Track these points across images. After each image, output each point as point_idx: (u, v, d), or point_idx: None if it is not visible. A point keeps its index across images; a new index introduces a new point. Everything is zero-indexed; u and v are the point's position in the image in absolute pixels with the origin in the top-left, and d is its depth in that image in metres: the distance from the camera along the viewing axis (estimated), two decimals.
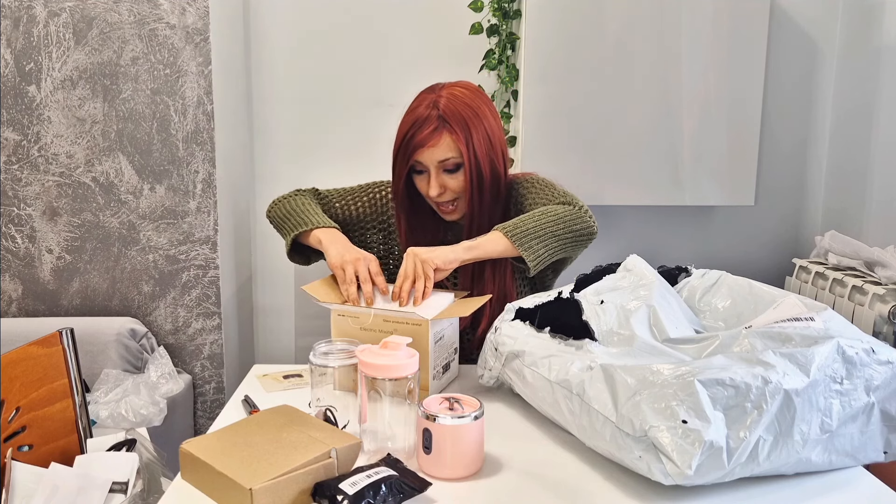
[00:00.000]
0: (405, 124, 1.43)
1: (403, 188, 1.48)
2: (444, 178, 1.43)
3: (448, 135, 1.40)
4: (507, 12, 2.20)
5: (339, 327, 1.28)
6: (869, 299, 1.87)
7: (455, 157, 1.41)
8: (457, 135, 1.39)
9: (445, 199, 1.46)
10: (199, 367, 2.22)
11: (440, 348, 1.23)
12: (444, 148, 1.40)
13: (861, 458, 0.99)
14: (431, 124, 1.40)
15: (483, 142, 1.41)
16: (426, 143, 1.40)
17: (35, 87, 2.07)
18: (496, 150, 1.44)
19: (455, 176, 1.43)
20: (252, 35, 2.35)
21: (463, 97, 1.43)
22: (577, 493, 0.94)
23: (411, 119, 1.42)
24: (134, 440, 1.35)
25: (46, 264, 2.15)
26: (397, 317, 1.21)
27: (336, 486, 0.86)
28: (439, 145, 1.40)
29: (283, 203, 1.56)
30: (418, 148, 1.40)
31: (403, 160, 1.43)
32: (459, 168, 1.43)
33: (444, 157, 1.41)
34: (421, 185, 1.47)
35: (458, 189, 1.44)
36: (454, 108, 1.40)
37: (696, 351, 1.06)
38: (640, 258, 1.26)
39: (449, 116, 1.40)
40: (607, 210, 2.42)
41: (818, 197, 2.49)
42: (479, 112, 1.43)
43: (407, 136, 1.42)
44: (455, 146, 1.40)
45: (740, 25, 2.17)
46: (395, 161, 1.46)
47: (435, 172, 1.42)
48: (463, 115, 1.40)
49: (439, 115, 1.40)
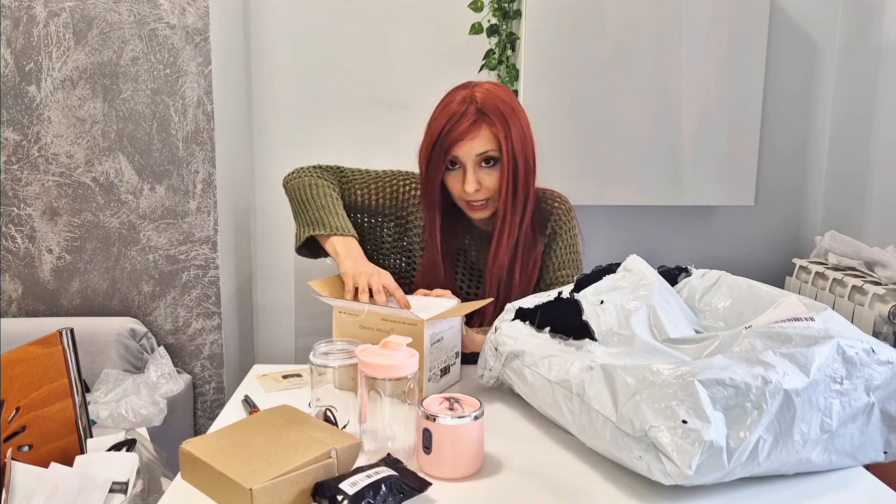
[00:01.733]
0: (440, 119, 1.40)
1: (439, 188, 1.44)
2: (481, 174, 1.40)
3: (487, 128, 1.38)
4: (507, 12, 2.20)
5: (340, 325, 1.27)
6: (869, 299, 1.87)
7: (493, 151, 1.39)
8: (496, 127, 1.37)
9: (480, 196, 1.42)
10: (199, 367, 2.22)
11: (438, 350, 1.22)
12: (484, 141, 1.38)
13: (861, 458, 0.99)
14: (470, 118, 1.37)
15: (519, 137, 1.40)
16: (465, 136, 1.37)
17: (35, 87, 2.07)
18: (529, 148, 1.43)
19: (491, 172, 1.41)
20: (252, 35, 2.35)
21: (498, 93, 1.41)
22: (577, 493, 0.94)
23: (447, 114, 1.39)
24: (134, 440, 1.35)
25: (46, 264, 2.15)
26: (395, 316, 1.21)
27: (336, 486, 0.86)
28: (478, 138, 1.38)
29: (304, 184, 1.49)
30: (457, 142, 1.37)
31: (440, 156, 1.39)
32: (496, 163, 1.40)
33: (483, 150, 1.38)
34: (453, 182, 1.43)
35: (492, 186, 1.41)
36: (492, 102, 1.39)
37: (696, 351, 1.06)
38: (640, 258, 1.26)
39: (488, 109, 1.38)
40: (607, 210, 2.42)
41: (818, 197, 2.49)
42: (515, 108, 1.41)
43: (444, 130, 1.38)
44: (494, 139, 1.38)
45: (740, 25, 2.17)
46: (430, 158, 1.41)
47: (472, 167, 1.39)
48: (501, 110, 1.38)
49: (478, 109, 1.38)
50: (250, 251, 2.47)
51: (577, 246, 1.54)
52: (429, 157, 1.42)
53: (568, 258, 1.52)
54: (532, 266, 1.49)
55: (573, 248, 1.53)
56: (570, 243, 1.52)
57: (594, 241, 2.46)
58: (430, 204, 1.47)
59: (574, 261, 1.53)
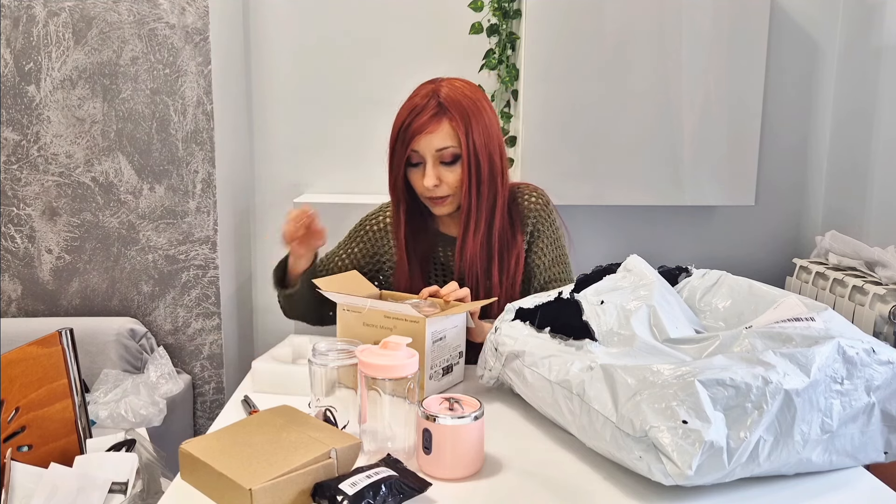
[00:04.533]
0: (402, 112, 1.41)
1: (402, 182, 1.44)
2: (441, 170, 1.40)
3: (448, 122, 1.37)
4: (507, 12, 2.20)
5: (343, 322, 1.27)
6: (869, 299, 1.87)
7: (453, 147, 1.38)
8: (456, 122, 1.37)
9: (440, 193, 1.41)
10: (199, 367, 2.22)
11: (440, 349, 1.22)
12: (443, 135, 1.38)
13: (861, 459, 0.99)
14: (431, 111, 1.37)
15: (482, 134, 1.39)
16: (424, 129, 1.37)
17: (34, 86, 2.07)
18: (494, 145, 1.42)
19: (452, 169, 1.40)
20: (252, 35, 2.35)
21: (463, 89, 1.41)
22: (577, 493, 0.94)
23: (409, 106, 1.40)
24: (133, 440, 1.35)
25: (46, 264, 2.15)
26: (397, 313, 1.21)
27: (336, 487, 0.86)
28: (438, 132, 1.37)
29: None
30: (416, 135, 1.37)
31: (401, 148, 1.40)
32: (457, 161, 1.40)
33: (442, 145, 1.38)
34: (415, 178, 1.42)
35: (454, 184, 1.41)
36: (454, 97, 1.39)
37: (696, 351, 1.06)
38: (640, 258, 1.25)
39: (449, 105, 1.38)
40: (607, 210, 2.42)
41: (818, 197, 2.49)
42: (479, 105, 1.41)
43: (405, 123, 1.39)
44: (454, 134, 1.38)
45: (740, 25, 2.17)
46: (393, 151, 1.42)
47: (432, 162, 1.39)
48: (463, 105, 1.38)
49: (439, 103, 1.38)
50: (250, 251, 2.46)
51: (562, 240, 1.52)
52: (392, 149, 1.42)
53: (556, 254, 1.50)
54: (514, 267, 1.46)
55: (558, 243, 1.51)
56: (553, 237, 1.50)
57: (594, 241, 2.46)
58: (396, 199, 1.47)
59: (561, 255, 1.51)
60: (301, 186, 2.42)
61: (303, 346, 1.34)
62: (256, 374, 1.26)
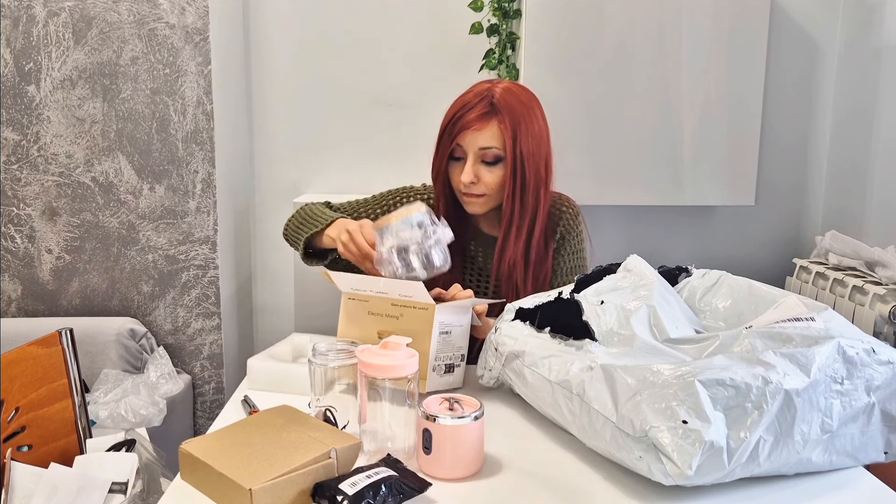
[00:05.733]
0: (454, 106, 1.41)
1: (444, 176, 1.44)
2: (481, 169, 1.39)
3: (497, 123, 1.37)
4: (507, 12, 2.20)
5: (347, 311, 1.26)
6: (869, 299, 1.87)
7: (497, 149, 1.38)
8: (505, 125, 1.36)
9: (475, 191, 1.41)
10: (199, 367, 2.22)
11: (445, 343, 1.21)
12: (489, 135, 1.37)
13: (861, 459, 0.99)
14: (481, 109, 1.37)
15: (531, 142, 1.38)
16: (471, 125, 1.37)
17: (34, 86, 2.07)
18: (541, 154, 1.41)
19: (492, 170, 1.39)
20: (252, 35, 2.35)
21: (518, 94, 1.41)
22: (577, 493, 0.94)
23: (461, 101, 1.40)
24: (133, 440, 1.35)
25: (46, 264, 2.15)
26: (405, 301, 1.20)
27: (336, 487, 0.86)
28: (484, 131, 1.37)
29: (291, 218, 1.53)
30: (463, 130, 1.37)
31: (447, 140, 1.40)
32: (498, 162, 1.39)
33: (486, 144, 1.37)
34: (455, 172, 1.42)
35: (491, 184, 1.40)
36: (507, 100, 1.38)
37: (696, 351, 1.06)
38: (640, 258, 1.25)
39: (501, 107, 1.37)
40: (607, 210, 2.41)
41: (818, 197, 2.49)
42: (532, 112, 1.40)
43: (454, 117, 1.39)
44: (500, 136, 1.37)
45: (740, 25, 2.17)
46: (439, 143, 1.43)
47: (473, 159, 1.39)
48: (515, 110, 1.38)
49: (491, 103, 1.37)
50: (250, 251, 2.46)
51: (584, 252, 1.53)
52: (438, 142, 1.43)
53: (575, 264, 1.51)
54: (543, 278, 1.47)
55: (580, 255, 1.52)
56: (577, 248, 1.52)
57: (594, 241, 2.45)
58: (440, 187, 1.47)
59: (581, 267, 1.52)
60: (301, 186, 2.43)
61: (303, 345, 1.34)
62: (252, 372, 1.26)
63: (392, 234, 1.22)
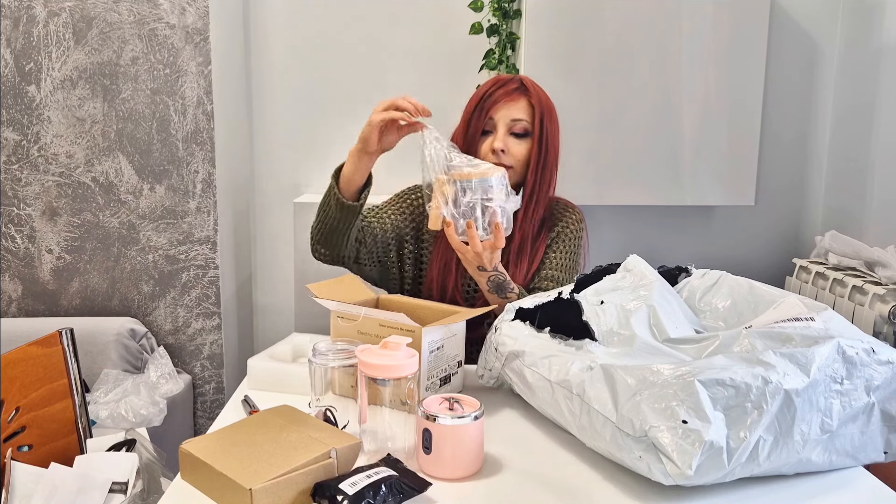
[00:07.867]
0: (485, 85, 1.49)
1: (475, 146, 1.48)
2: (510, 141, 1.46)
3: (527, 100, 1.46)
4: (507, 12, 2.20)
5: (337, 330, 1.27)
6: (869, 299, 1.87)
7: (526, 122, 1.45)
8: (535, 102, 1.46)
9: (505, 161, 1.45)
10: (199, 367, 2.22)
11: (437, 359, 1.20)
12: (520, 108, 1.45)
13: (861, 459, 0.99)
14: (514, 85, 1.47)
15: (553, 126, 1.47)
16: (504, 98, 1.45)
17: (35, 86, 2.07)
18: (557, 144, 1.49)
19: (520, 143, 1.46)
20: (252, 35, 2.35)
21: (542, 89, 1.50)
22: (577, 493, 0.94)
23: (493, 81, 1.49)
24: (134, 440, 1.35)
25: (46, 264, 2.15)
26: (393, 322, 1.20)
27: (336, 487, 0.86)
28: (517, 104, 1.45)
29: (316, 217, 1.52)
30: (496, 103, 1.45)
31: (479, 115, 1.46)
32: (526, 136, 1.46)
33: (518, 116, 1.45)
34: (484, 145, 1.47)
35: (518, 156, 1.46)
36: (536, 88, 1.49)
37: (696, 351, 1.06)
38: (640, 258, 1.25)
39: (531, 88, 1.47)
40: (607, 210, 2.42)
41: (818, 197, 2.49)
42: (554, 111, 1.50)
43: (487, 92, 1.47)
44: (530, 111, 1.45)
45: (740, 25, 2.17)
46: (470, 118, 1.47)
47: (504, 130, 1.45)
48: (542, 95, 1.48)
49: (522, 83, 1.47)
50: (250, 251, 2.47)
51: (577, 255, 1.55)
52: (469, 119, 1.48)
53: (566, 261, 1.52)
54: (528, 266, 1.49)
55: (574, 253, 1.54)
56: (572, 247, 1.53)
57: (594, 241, 2.45)
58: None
59: (571, 265, 1.53)
60: (301, 186, 2.43)
61: (303, 345, 1.34)
62: (252, 372, 1.26)
63: (473, 189, 1.26)
